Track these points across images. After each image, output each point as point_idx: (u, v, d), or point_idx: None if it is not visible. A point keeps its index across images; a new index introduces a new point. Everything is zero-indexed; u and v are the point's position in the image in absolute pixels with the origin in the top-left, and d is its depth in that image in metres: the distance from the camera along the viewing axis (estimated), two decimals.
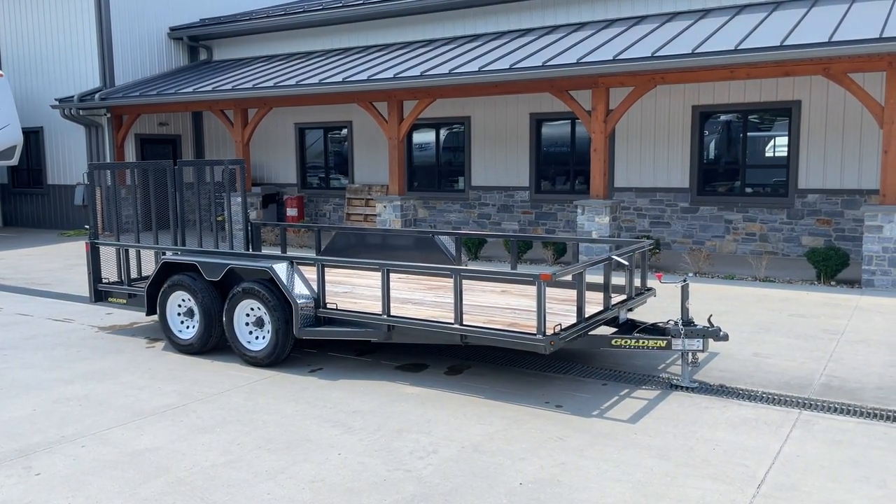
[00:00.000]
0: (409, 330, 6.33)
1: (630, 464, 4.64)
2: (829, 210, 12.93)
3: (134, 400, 5.99)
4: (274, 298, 6.71)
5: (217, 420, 5.50)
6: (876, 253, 10.25)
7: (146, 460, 4.78)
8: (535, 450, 4.87)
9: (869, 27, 10.09)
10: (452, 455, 4.80)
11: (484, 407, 5.72)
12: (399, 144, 14.20)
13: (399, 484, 4.38)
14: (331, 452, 4.86)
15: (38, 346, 7.75)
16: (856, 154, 12.65)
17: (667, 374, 6.57)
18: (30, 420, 5.54)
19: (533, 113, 15.40)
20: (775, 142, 13.43)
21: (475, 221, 16.29)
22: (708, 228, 13.91)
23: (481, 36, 15.44)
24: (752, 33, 11.07)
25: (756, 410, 5.61)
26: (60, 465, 4.71)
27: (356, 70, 14.55)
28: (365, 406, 5.77)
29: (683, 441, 5.01)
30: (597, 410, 5.62)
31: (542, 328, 5.66)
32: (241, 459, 4.77)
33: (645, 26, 13.12)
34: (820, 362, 6.85)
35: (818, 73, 10.49)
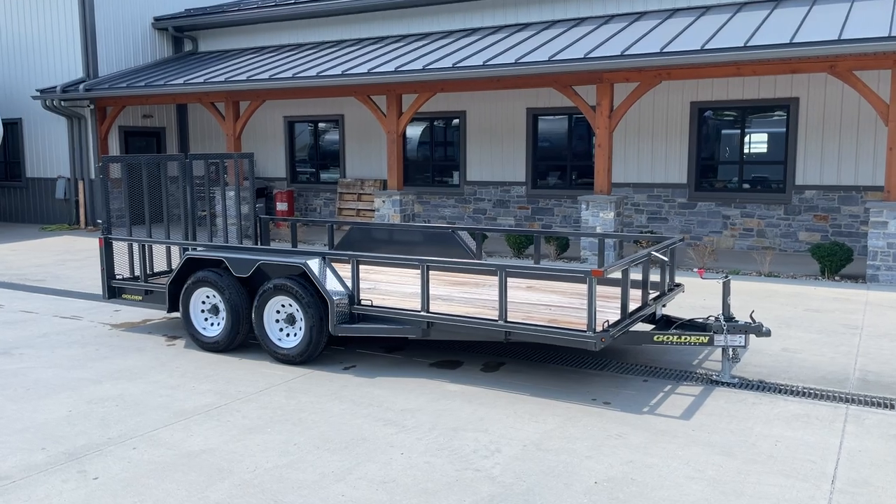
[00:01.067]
0: (450, 327, 6.25)
1: (697, 461, 4.63)
2: (826, 206, 13.12)
3: (171, 400, 5.83)
4: (308, 295, 6.58)
5: (264, 420, 5.37)
6: (881, 248, 10.41)
7: (204, 462, 4.64)
8: (598, 448, 4.84)
9: (875, 26, 10.23)
10: (516, 454, 4.74)
11: (533, 405, 5.67)
12: (398, 139, 14.08)
13: (472, 484, 4.31)
14: (393, 452, 4.77)
15: (54, 345, 7.52)
16: (853, 151, 12.84)
17: (703, 369, 6.59)
18: (68, 421, 5.36)
19: (530, 108, 15.38)
20: (773, 138, 13.58)
21: (470, 217, 16.23)
22: (706, 224, 14.03)
23: (479, 30, 15.36)
24: (758, 30, 11.15)
25: (803, 406, 5.64)
26: (116, 469, 4.55)
27: (352, 63, 14.37)
28: (412, 404, 5.68)
29: (742, 437, 5.01)
30: (646, 407, 5.61)
31: (592, 325, 5.62)
32: (302, 460, 4.66)
33: (647, 22, 13.16)
34: (849, 357, 6.92)
35: (824, 70, 10.61)
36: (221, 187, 9.45)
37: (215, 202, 17.21)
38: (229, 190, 16.33)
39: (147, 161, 8.57)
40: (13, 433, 5.14)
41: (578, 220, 15.10)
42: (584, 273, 5.63)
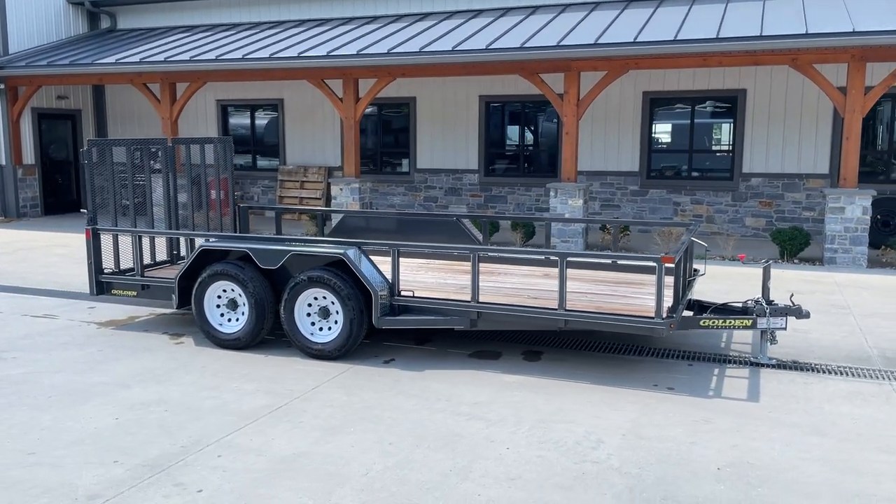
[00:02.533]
0: (502, 317, 6.13)
1: (797, 442, 4.74)
2: (770, 193, 13.79)
3: (221, 402, 5.42)
4: (347, 287, 6.27)
5: (339, 419, 5.08)
6: (838, 232, 11.04)
7: (305, 467, 4.33)
8: (695, 433, 4.87)
9: (833, 21, 10.78)
10: (620, 444, 4.70)
11: (601, 393, 5.64)
12: (356, 125, 13.70)
13: (602, 476, 4.24)
14: (497, 448, 4.62)
15: (45, 347, 6.85)
16: (796, 140, 13.55)
17: (735, 352, 6.76)
18: (124, 430, 4.88)
19: (483, 95, 15.33)
20: (721, 128, 14.14)
21: (421, 205, 16.05)
22: (657, 210, 14.46)
23: (430, 15, 15.14)
24: (723, 22, 11.52)
25: (850, 384, 5.88)
26: (215, 479, 4.18)
27: (301, 45, 13.84)
28: (480, 397, 5.53)
29: (819, 417, 5.17)
30: (710, 391, 5.70)
31: (660, 311, 5.65)
32: (409, 460, 4.43)
33: (607, 11, 13.35)
34: (856, 336, 7.29)
35: (786, 62, 11.10)
36: (203, 174, 8.92)
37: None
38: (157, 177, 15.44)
39: (132, 145, 7.94)
40: (68, 445, 4.63)
41: (532, 208, 15.22)
42: (654, 260, 5.64)
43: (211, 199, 17.16)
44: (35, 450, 4.57)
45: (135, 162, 7.97)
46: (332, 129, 16.70)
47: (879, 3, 11.43)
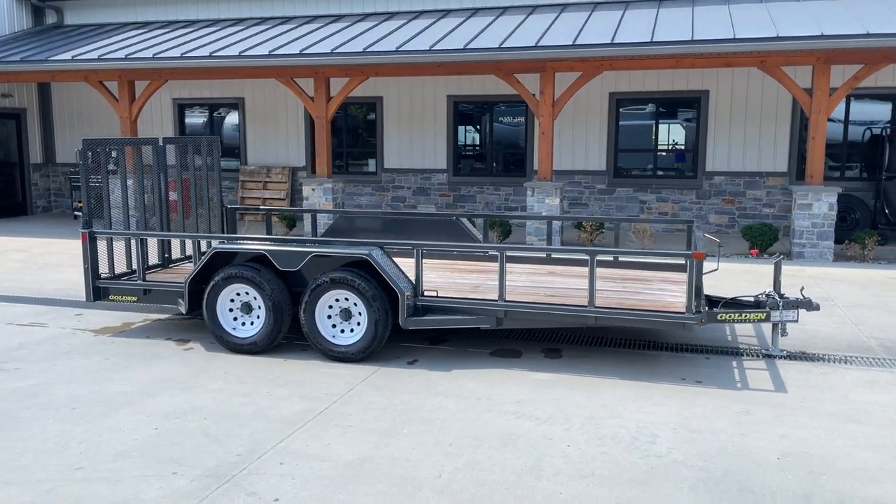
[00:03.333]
0: (528, 315, 6.16)
1: (838, 430, 4.91)
2: (732, 191, 14.25)
3: (258, 408, 5.27)
4: (372, 288, 6.19)
5: (387, 422, 5.01)
6: (806, 228, 11.49)
7: (375, 471, 4.26)
8: (740, 425, 4.99)
9: (802, 25, 11.21)
10: (674, 438, 4.78)
11: (634, 388, 5.72)
12: (327, 124, 13.51)
13: (672, 470, 4.30)
14: (558, 445, 4.64)
15: (45, 357, 6.53)
16: (756, 140, 14.03)
17: (743, 344, 6.97)
18: (169, 440, 4.69)
19: (451, 95, 15.34)
20: (685, 128, 14.52)
21: (389, 205, 15.94)
22: (624, 209, 14.75)
23: (397, 14, 15.06)
24: (695, 25, 11.84)
25: (863, 373, 6.13)
26: (287, 487, 4.06)
27: (265, 42, 13.56)
28: (520, 396, 5.54)
29: (849, 405, 5.37)
30: (738, 383, 5.85)
31: (691, 306, 5.77)
32: (476, 461, 4.41)
33: (578, 14, 13.55)
34: (849, 326, 7.60)
35: (755, 64, 11.48)
36: (192, 174, 8.68)
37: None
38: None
39: (130, 145, 7.66)
40: (115, 458, 4.43)
41: (501, 207, 15.31)
42: (686, 256, 5.76)
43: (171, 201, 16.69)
44: (81, 464, 4.36)
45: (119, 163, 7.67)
46: (297, 129, 16.43)
47: (839, 10, 11.94)
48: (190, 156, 8.59)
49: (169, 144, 8.31)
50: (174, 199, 17.18)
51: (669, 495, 3.99)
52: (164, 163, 8.21)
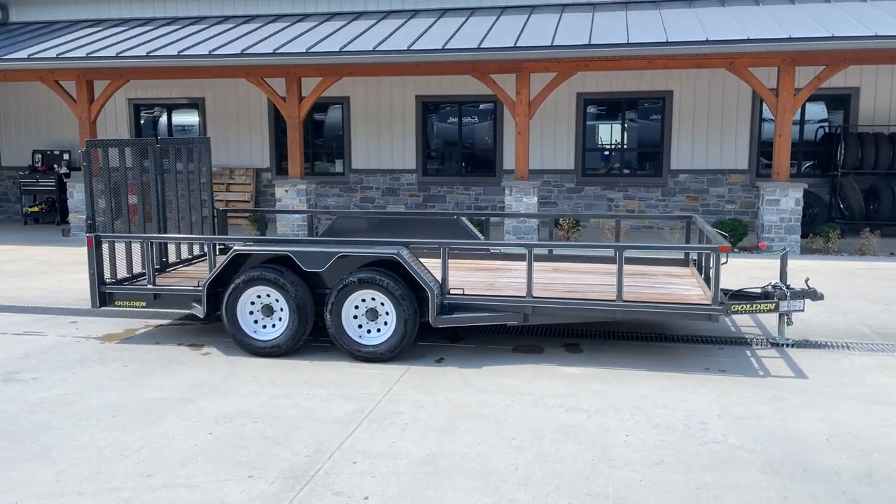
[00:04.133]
0: (555, 311, 6.28)
1: (870, 412, 5.19)
2: (696, 188, 14.73)
3: (306, 410, 5.23)
4: (401, 287, 6.21)
5: (442, 419, 5.04)
6: (774, 223, 11.99)
7: (452, 466, 4.30)
8: (779, 410, 5.22)
9: (769, 28, 11.69)
10: (724, 424, 4.97)
11: (664, 379, 5.90)
12: (300, 125, 13.37)
13: (732, 454, 4.48)
14: (617, 436, 4.77)
15: (58, 367, 6.30)
16: (718, 138, 14.54)
17: (749, 334, 7.25)
18: (230, 444, 4.62)
19: (419, 95, 15.37)
20: (651, 127, 14.94)
21: (357, 205, 15.87)
22: (592, 206, 15.08)
23: (364, 14, 15.01)
24: (666, 28, 12.20)
25: (869, 358, 6.48)
26: (371, 485, 4.06)
27: (234, 41, 13.32)
28: (560, 390, 5.65)
29: (868, 388, 5.68)
30: (760, 372, 6.11)
31: (717, 298, 6.00)
32: (546, 453, 4.49)
33: (549, 16, 13.77)
34: (839, 315, 7.99)
35: (724, 65, 11.91)
36: (186, 175, 8.51)
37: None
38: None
39: (138, 145, 7.46)
40: (183, 464, 4.34)
41: (471, 207, 15.43)
42: (713, 249, 5.98)
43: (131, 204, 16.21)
44: (150, 471, 4.26)
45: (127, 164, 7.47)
46: (261, 130, 16.18)
47: (801, 14, 12.51)
48: (184, 157, 8.40)
49: (165, 146, 8.11)
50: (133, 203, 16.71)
51: (742, 478, 4.16)
52: (160, 164, 8.00)
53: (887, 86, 14.03)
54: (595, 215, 8.34)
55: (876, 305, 8.42)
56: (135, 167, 7.60)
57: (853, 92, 14.10)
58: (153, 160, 7.89)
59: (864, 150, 13.45)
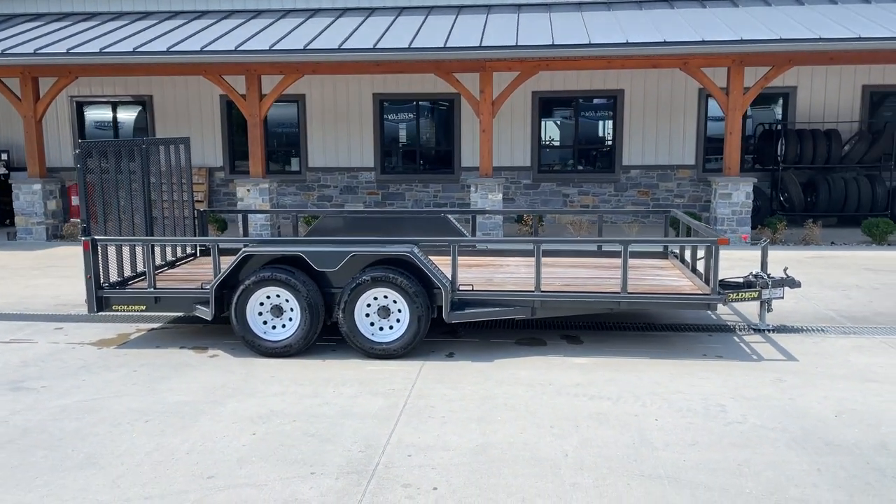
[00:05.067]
0: (562, 304, 6.52)
1: (865, 389, 5.62)
2: (647, 183, 15.30)
3: (340, 407, 5.31)
4: (414, 284, 6.33)
5: (475, 411, 5.21)
6: (727, 215, 12.61)
7: (504, 455, 4.47)
8: (784, 391, 5.60)
9: (720, 30, 12.26)
10: (739, 405, 5.30)
11: (669, 366, 6.22)
12: (260, 123, 13.24)
13: (758, 433, 4.81)
14: (646, 421, 5.04)
15: (62, 374, 6.16)
16: (667, 135, 15.14)
17: (731, 321, 7.68)
18: (279, 444, 4.66)
19: (377, 93, 15.42)
20: (604, 125, 15.42)
21: (315, 204, 15.80)
22: (548, 202, 15.46)
23: (320, 11, 14.95)
24: (624, 30, 12.64)
25: (846, 340, 6.97)
26: (435, 476, 4.20)
27: (191, 36, 13.10)
28: (574, 379, 5.89)
29: (856, 369, 6.13)
30: (754, 356, 6.51)
31: (716, 288, 6.36)
32: (588, 439, 4.72)
33: (508, 15, 14.04)
34: (803, 302, 8.52)
35: (678, 66, 12.44)
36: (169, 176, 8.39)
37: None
38: (30, 185, 13.90)
39: (121, 147, 7.32)
40: (240, 464, 4.37)
41: (430, 204, 15.59)
42: (711, 241, 6.34)
43: (73, 206, 15.69)
44: (209, 472, 4.28)
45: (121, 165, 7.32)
46: (213, 128, 15.91)
47: (745, 17, 13.16)
48: (167, 157, 8.27)
49: (150, 146, 7.97)
50: (76, 205, 16.15)
51: (775, 454, 4.49)
52: (146, 165, 7.87)
53: (821, 85, 14.90)
54: (579, 211, 8.66)
55: (834, 291, 9.01)
56: (124, 168, 7.45)
57: (791, 91, 14.92)
58: (140, 161, 7.75)
59: (802, 146, 14.26)
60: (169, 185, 8.32)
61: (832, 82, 14.82)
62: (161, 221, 8.17)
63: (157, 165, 8.10)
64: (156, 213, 8.04)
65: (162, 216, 8.19)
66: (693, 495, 3.99)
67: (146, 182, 7.89)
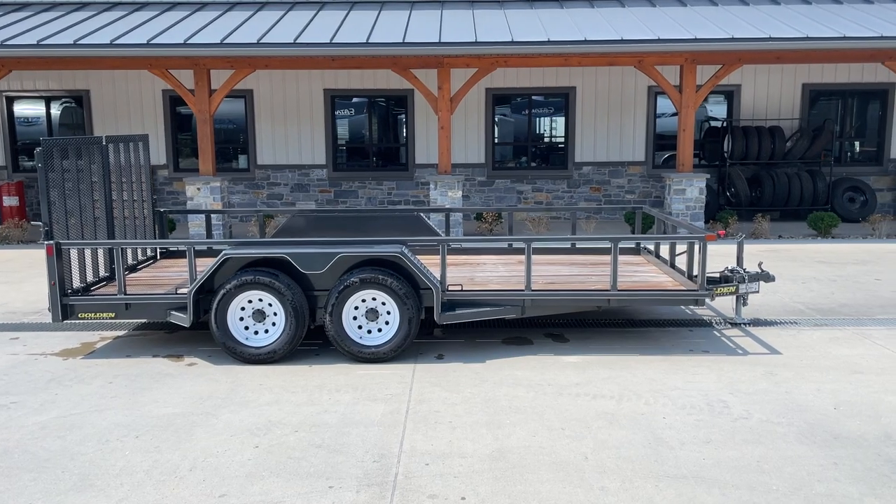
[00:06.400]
0: (551, 302, 6.47)
1: (854, 381, 5.75)
2: (599, 179, 15.46)
3: (341, 415, 5.11)
4: (404, 286, 6.17)
5: (482, 414, 5.09)
6: (681, 211, 12.84)
7: (523, 460, 4.37)
8: (778, 384, 5.68)
9: (674, 30, 12.46)
10: (740, 401, 5.35)
11: (663, 362, 6.24)
12: (210, 119, 12.78)
13: (765, 428, 4.85)
14: (654, 419, 5.02)
15: (31, 388, 5.76)
16: (618, 132, 15.33)
17: (706, 316, 7.78)
18: (286, 456, 4.44)
19: (328, 89, 15.10)
20: (556, 122, 15.50)
21: (264, 202, 15.37)
22: (503, 199, 15.45)
23: (269, 4, 14.54)
24: (582, 27, 12.71)
25: (821, 332, 7.15)
26: (459, 485, 4.06)
27: (132, 28, 12.54)
28: (573, 378, 5.85)
29: (839, 360, 6.27)
30: (739, 350, 6.60)
31: (703, 283, 6.42)
32: (603, 440, 4.67)
33: (463, 11, 13.94)
34: (770, 296, 8.70)
35: (633, 63, 12.59)
36: (129, 176, 8.00)
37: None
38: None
39: (80, 145, 6.90)
40: (250, 479, 4.14)
41: (384, 202, 15.37)
42: (699, 238, 6.38)
43: (3, 207, 14.89)
44: (219, 490, 4.04)
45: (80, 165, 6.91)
46: (155, 124, 15.27)
47: (694, 16, 13.42)
48: (126, 156, 7.86)
49: (109, 144, 7.56)
50: (9, 206, 15.32)
51: (788, 449, 4.53)
52: (107, 164, 7.45)
53: (764, 83, 15.33)
54: (561, 208, 8.61)
55: (795, 284, 9.26)
56: (85, 168, 7.03)
57: (736, 89, 15.30)
58: (100, 160, 7.34)
59: (748, 142, 14.65)
60: (129, 184, 7.93)
61: (774, 80, 15.27)
62: (122, 222, 7.77)
63: (118, 164, 7.70)
64: (116, 214, 7.64)
65: (122, 217, 7.79)
66: (723, 494, 3.97)
67: (107, 182, 7.49)
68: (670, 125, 15.35)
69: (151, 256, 8.43)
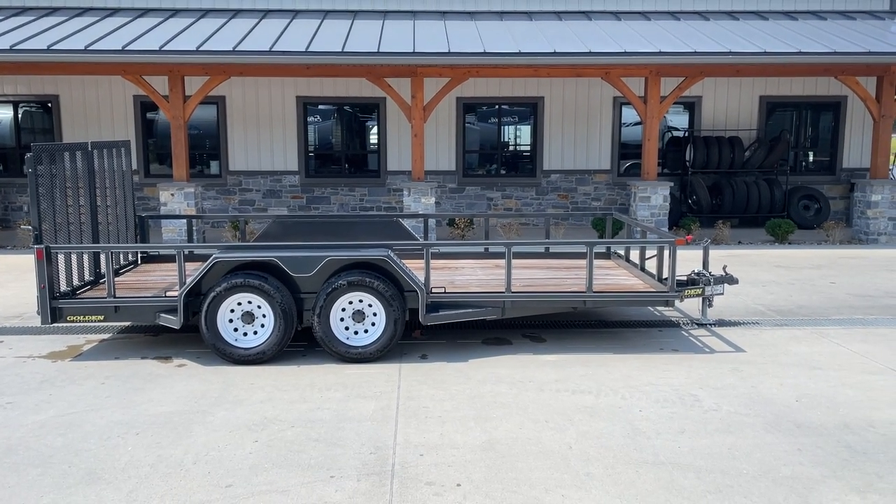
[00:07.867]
0: (531, 304, 6.76)
1: (814, 376, 6.14)
2: (566, 187, 15.87)
3: (334, 412, 5.32)
4: (390, 288, 6.41)
5: (470, 409, 5.35)
6: (646, 217, 13.29)
7: (513, 450, 4.64)
8: (744, 380, 6.04)
9: (639, 43, 12.92)
10: (709, 395, 5.70)
11: (632, 360, 6.58)
12: (184, 125, 12.86)
13: (735, 419, 5.19)
14: (631, 412, 5.33)
15: (23, 389, 5.86)
16: (584, 141, 15.76)
17: (673, 317, 8.16)
18: (287, 450, 4.64)
19: (300, 96, 15.26)
20: (524, 131, 15.88)
21: (236, 208, 15.45)
22: (473, 206, 15.77)
23: (241, 12, 14.67)
24: (552, 40, 13.10)
25: (782, 331, 7.57)
26: (455, 474, 4.31)
27: (105, 34, 12.58)
28: (552, 376, 6.14)
29: (800, 357, 6.67)
30: (706, 349, 6.97)
31: (673, 285, 6.77)
32: (586, 432, 4.96)
33: (435, 22, 14.24)
34: (731, 296, 9.11)
35: (600, 75, 13.02)
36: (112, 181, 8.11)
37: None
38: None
39: (67, 150, 7.01)
40: (255, 471, 4.33)
41: (357, 208, 15.57)
42: (668, 242, 6.73)
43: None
44: (225, 482, 4.23)
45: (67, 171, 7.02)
46: (126, 130, 15.27)
47: (658, 30, 13.91)
48: (110, 162, 7.97)
49: (94, 150, 7.67)
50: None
51: (756, 437, 4.87)
52: (92, 169, 7.56)
53: (724, 95, 15.90)
54: (532, 214, 8.92)
55: (756, 287, 9.70)
56: (71, 173, 7.13)
57: (697, 100, 15.85)
58: (85, 166, 7.44)
59: (709, 152, 15.19)
60: (112, 189, 8.03)
61: (733, 92, 15.85)
62: (106, 227, 7.87)
63: (102, 169, 7.81)
64: (100, 219, 7.74)
65: (106, 221, 7.89)
66: (698, 477, 4.29)
67: (92, 187, 7.59)
68: (634, 134, 15.84)
69: (133, 261, 8.54)
